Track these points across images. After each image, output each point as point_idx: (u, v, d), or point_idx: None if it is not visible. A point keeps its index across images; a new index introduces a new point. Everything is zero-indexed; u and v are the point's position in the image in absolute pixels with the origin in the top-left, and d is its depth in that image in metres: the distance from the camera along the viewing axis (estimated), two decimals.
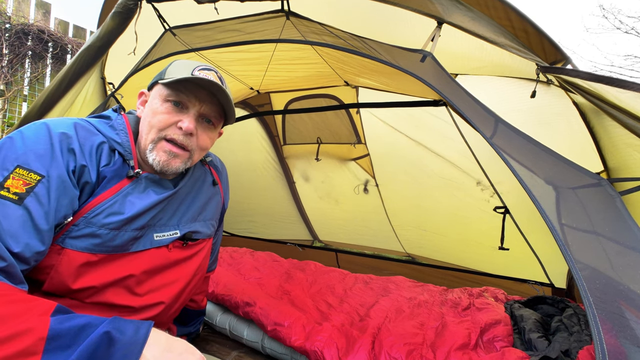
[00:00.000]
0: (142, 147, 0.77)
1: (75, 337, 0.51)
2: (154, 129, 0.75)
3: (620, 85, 0.86)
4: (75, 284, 0.67)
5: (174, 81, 0.73)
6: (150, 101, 0.79)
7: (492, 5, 1.06)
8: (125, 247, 0.73)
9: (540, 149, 0.88)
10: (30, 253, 0.59)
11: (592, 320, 0.59)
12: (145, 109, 0.79)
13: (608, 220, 0.78)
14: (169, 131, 0.75)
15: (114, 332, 0.52)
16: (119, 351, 0.51)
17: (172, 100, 0.75)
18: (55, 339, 0.50)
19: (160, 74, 0.79)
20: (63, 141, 0.65)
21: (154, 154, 0.75)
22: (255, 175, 2.86)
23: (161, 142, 0.75)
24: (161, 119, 0.74)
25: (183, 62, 0.80)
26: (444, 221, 2.28)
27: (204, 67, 0.78)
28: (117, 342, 0.52)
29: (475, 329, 1.28)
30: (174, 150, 0.75)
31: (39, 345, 0.49)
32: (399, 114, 2.11)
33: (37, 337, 0.49)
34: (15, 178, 0.59)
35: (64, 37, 3.57)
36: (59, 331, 0.51)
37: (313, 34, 1.19)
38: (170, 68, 0.79)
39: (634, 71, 5.60)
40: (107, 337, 0.52)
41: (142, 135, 0.77)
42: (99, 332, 0.52)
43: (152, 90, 0.80)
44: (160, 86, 0.77)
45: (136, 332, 0.54)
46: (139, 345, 0.53)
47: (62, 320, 0.52)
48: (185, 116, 0.76)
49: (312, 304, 1.54)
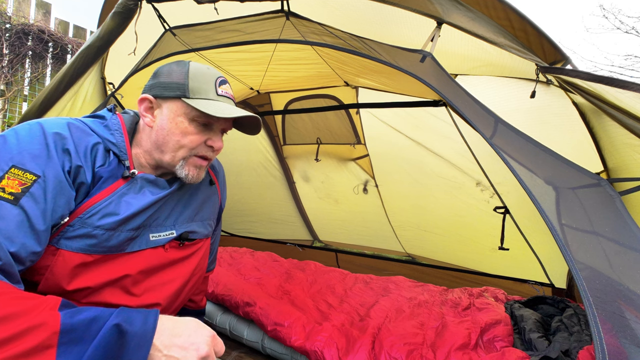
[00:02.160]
0: (165, 160, 0.77)
1: (87, 329, 0.52)
2: (184, 148, 0.77)
3: (620, 85, 0.86)
4: (70, 284, 0.67)
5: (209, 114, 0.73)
6: (169, 115, 0.75)
7: (491, 6, 1.06)
8: (121, 248, 0.73)
9: (540, 149, 0.88)
10: (26, 253, 0.59)
11: (592, 320, 0.59)
12: (166, 124, 0.75)
13: (608, 221, 0.78)
14: (199, 149, 0.79)
15: (124, 324, 0.53)
16: (131, 342, 0.53)
17: (200, 122, 0.77)
18: (67, 333, 0.51)
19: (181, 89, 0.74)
20: (58, 141, 0.65)
21: (186, 170, 0.78)
22: (255, 175, 2.87)
23: (192, 158, 0.79)
24: (193, 139, 0.77)
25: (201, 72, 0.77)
26: (444, 221, 2.28)
27: (221, 78, 0.80)
28: (127, 333, 0.53)
29: (475, 329, 1.28)
30: (203, 163, 0.80)
31: (53, 339, 0.49)
32: (398, 114, 2.11)
33: (50, 331, 0.50)
34: (11, 178, 0.58)
35: (64, 37, 3.58)
36: (70, 325, 0.51)
37: (313, 34, 1.19)
38: (191, 84, 0.75)
39: (634, 71, 5.60)
40: (118, 330, 0.53)
41: (162, 149, 0.76)
42: (109, 325, 0.53)
43: (170, 103, 0.76)
44: (185, 104, 0.75)
45: (145, 322, 0.55)
46: (149, 335, 0.54)
47: (71, 314, 0.53)
48: (212, 134, 0.79)
49: (312, 304, 1.54)
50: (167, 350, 0.55)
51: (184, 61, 0.79)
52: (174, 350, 0.55)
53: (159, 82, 0.77)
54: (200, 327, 0.61)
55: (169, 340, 0.56)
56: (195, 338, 0.58)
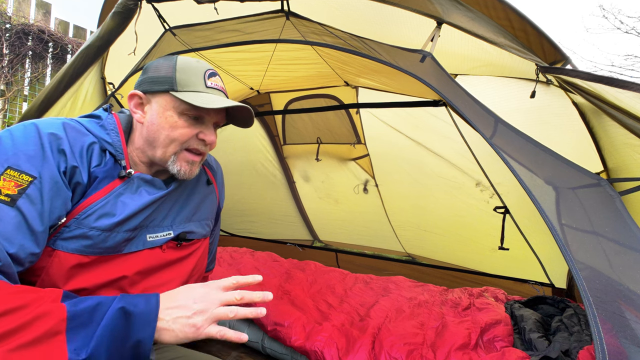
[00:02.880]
0: (157, 156, 0.76)
1: (92, 314, 0.55)
2: (175, 142, 0.76)
3: (620, 85, 0.86)
4: (66, 285, 0.67)
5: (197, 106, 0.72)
6: (159, 110, 0.75)
7: (491, 6, 1.06)
8: (118, 249, 0.73)
9: (540, 149, 0.88)
10: (24, 254, 0.59)
11: (592, 320, 0.59)
12: (156, 119, 0.75)
13: (608, 221, 0.78)
14: (190, 143, 0.78)
15: (128, 306, 0.56)
16: (137, 321, 0.56)
17: (190, 115, 0.75)
18: (74, 319, 0.53)
19: (169, 82, 0.74)
20: (53, 142, 0.64)
21: (177, 165, 0.77)
22: (255, 175, 2.87)
23: (183, 153, 0.78)
24: (183, 132, 0.75)
25: (189, 65, 0.77)
26: (444, 221, 2.28)
27: (211, 71, 0.79)
28: (132, 314, 0.56)
29: (475, 329, 1.28)
30: (195, 159, 0.79)
31: (61, 325, 0.52)
32: (398, 114, 2.11)
33: (57, 319, 0.52)
34: (6, 179, 0.58)
35: (64, 37, 3.58)
36: (75, 312, 0.54)
37: (313, 34, 1.19)
38: (179, 76, 0.74)
39: (634, 71, 5.60)
40: (123, 312, 0.56)
41: (153, 145, 0.76)
42: (114, 308, 0.56)
43: (159, 97, 0.75)
44: (173, 98, 0.74)
45: (147, 303, 0.59)
46: (154, 313, 0.58)
47: (75, 303, 0.55)
48: (204, 128, 0.78)
49: (312, 304, 1.54)
50: (169, 316, 0.59)
51: (173, 55, 0.79)
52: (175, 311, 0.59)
53: (148, 77, 0.77)
54: (193, 287, 0.65)
55: (167, 305, 0.60)
56: (191, 294, 0.63)
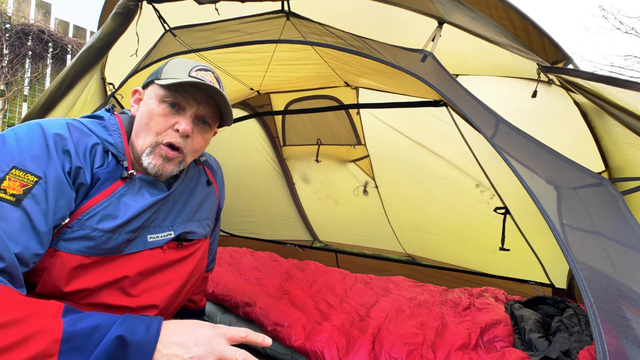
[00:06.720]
0: (137, 148, 0.75)
1: (88, 337, 0.52)
2: (151, 132, 0.74)
3: (622, 85, 0.86)
4: (68, 286, 0.67)
5: (171, 84, 0.72)
6: (145, 100, 0.77)
7: (492, 5, 1.06)
8: (119, 250, 0.73)
9: (541, 149, 0.88)
10: (29, 255, 0.58)
11: (592, 320, 0.59)
12: (141, 108, 0.77)
13: (610, 220, 0.78)
14: (166, 134, 0.74)
15: (127, 335, 0.53)
16: (133, 353, 0.53)
17: (168, 102, 0.74)
18: (69, 341, 0.50)
19: (156, 73, 0.78)
20: (58, 142, 0.64)
21: (150, 158, 0.74)
22: (255, 176, 2.86)
23: (158, 147, 0.74)
24: (158, 121, 0.74)
25: (180, 61, 0.79)
26: (444, 222, 2.28)
27: (201, 67, 0.78)
28: (130, 344, 0.53)
29: (475, 329, 1.28)
30: (170, 154, 0.75)
31: (54, 347, 0.49)
32: (399, 115, 2.10)
33: (51, 339, 0.49)
34: (12, 179, 0.58)
35: (64, 37, 3.58)
36: (72, 333, 0.51)
37: (313, 35, 1.19)
38: (166, 67, 0.77)
39: (634, 71, 5.61)
40: (120, 341, 0.53)
41: (137, 136, 0.76)
42: (111, 336, 0.52)
43: (148, 89, 0.79)
44: (156, 86, 0.76)
45: (147, 331, 0.55)
46: (152, 344, 0.54)
47: (74, 321, 0.53)
48: (182, 118, 0.75)
49: (312, 304, 1.53)
50: (167, 349, 0.55)
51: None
52: (173, 348, 0.55)
53: (149, 75, 0.81)
54: (200, 326, 0.60)
55: (167, 338, 0.56)
56: (194, 334, 0.58)
